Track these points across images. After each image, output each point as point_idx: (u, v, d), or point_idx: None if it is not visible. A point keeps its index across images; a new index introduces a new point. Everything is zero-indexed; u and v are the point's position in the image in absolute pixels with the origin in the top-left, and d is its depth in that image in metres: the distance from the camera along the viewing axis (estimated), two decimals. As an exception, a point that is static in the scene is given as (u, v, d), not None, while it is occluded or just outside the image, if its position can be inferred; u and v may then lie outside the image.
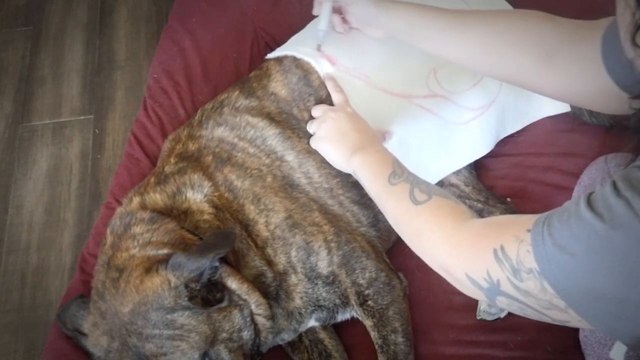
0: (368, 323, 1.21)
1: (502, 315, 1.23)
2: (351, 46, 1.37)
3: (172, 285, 1.01)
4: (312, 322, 1.25)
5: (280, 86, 1.35)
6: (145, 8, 2.37)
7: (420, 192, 1.00)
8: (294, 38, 1.46)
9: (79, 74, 2.21)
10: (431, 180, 1.33)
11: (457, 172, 1.37)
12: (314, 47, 1.37)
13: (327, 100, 1.33)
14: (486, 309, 1.24)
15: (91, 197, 1.94)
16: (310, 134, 1.29)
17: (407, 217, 1.00)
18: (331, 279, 1.20)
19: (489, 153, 1.38)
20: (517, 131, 1.43)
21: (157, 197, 1.19)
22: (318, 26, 1.34)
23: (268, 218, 1.20)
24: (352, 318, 1.26)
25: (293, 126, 1.31)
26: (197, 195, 1.19)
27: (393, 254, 1.30)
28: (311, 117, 1.31)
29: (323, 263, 1.19)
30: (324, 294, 1.20)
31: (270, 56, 1.43)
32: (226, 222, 1.17)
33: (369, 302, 1.20)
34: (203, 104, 1.40)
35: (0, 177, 2.00)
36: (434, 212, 0.96)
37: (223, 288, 1.07)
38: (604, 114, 1.34)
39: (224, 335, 1.04)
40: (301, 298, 1.20)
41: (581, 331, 1.15)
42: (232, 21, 1.70)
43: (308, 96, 1.34)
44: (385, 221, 1.12)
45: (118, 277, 1.06)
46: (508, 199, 1.38)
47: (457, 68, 1.32)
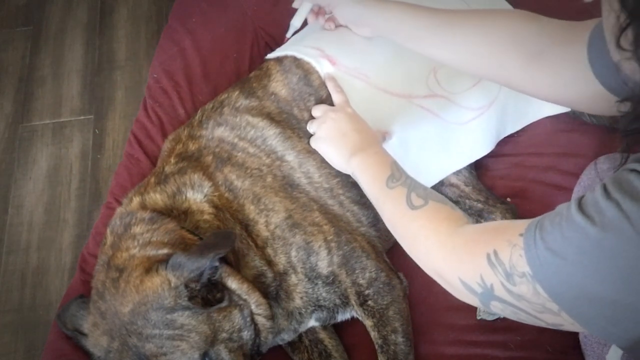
0: (368, 323, 1.21)
1: (502, 315, 1.23)
2: (351, 46, 1.37)
3: (172, 285, 1.01)
4: (312, 322, 1.25)
5: (280, 86, 1.35)
6: (145, 8, 2.36)
7: (417, 197, 1.00)
8: (294, 38, 1.46)
9: (79, 74, 2.21)
10: (431, 180, 1.33)
11: (457, 172, 1.37)
12: (291, 48, 1.40)
13: (328, 100, 1.33)
14: (486, 309, 1.24)
15: (91, 197, 1.94)
16: (310, 134, 1.29)
17: (403, 222, 1.00)
18: (331, 279, 1.20)
19: (489, 153, 1.38)
20: (517, 131, 1.43)
21: (157, 197, 1.19)
22: (293, 21, 1.39)
23: (268, 218, 1.20)
24: (352, 318, 1.26)
25: (293, 126, 1.32)
26: (197, 195, 1.19)
27: (393, 254, 1.30)
28: (311, 117, 1.31)
29: (323, 263, 1.19)
30: (324, 294, 1.20)
31: (270, 56, 1.43)
32: (226, 222, 1.17)
33: (369, 302, 1.20)
34: (203, 104, 1.40)
35: (0, 177, 2.00)
36: (430, 218, 0.96)
37: (223, 288, 1.07)
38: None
39: (224, 335, 1.04)
40: (301, 298, 1.20)
41: (580, 331, 1.15)
42: (232, 21, 1.70)
43: (308, 96, 1.34)
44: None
45: (118, 277, 1.06)
46: (508, 199, 1.38)
47: (457, 68, 1.32)
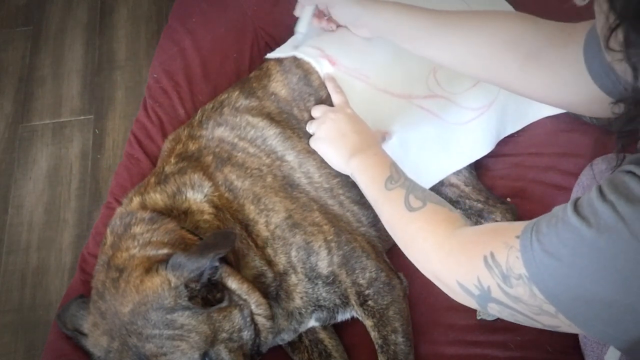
0: (368, 323, 1.21)
1: (500, 317, 1.23)
2: (351, 46, 1.37)
3: (172, 285, 1.01)
4: (312, 322, 1.25)
5: (280, 86, 1.35)
6: (145, 8, 2.36)
7: (415, 199, 1.00)
8: (294, 38, 1.46)
9: (79, 74, 2.21)
10: (431, 180, 1.33)
11: (457, 172, 1.37)
12: (291, 49, 1.39)
13: (327, 100, 1.33)
14: (484, 311, 1.23)
15: (91, 197, 1.94)
16: (310, 134, 1.29)
17: (401, 224, 1.01)
18: (331, 279, 1.20)
19: (489, 153, 1.38)
20: (517, 131, 1.43)
21: (157, 197, 1.19)
22: (297, 28, 1.37)
23: (268, 218, 1.20)
24: (352, 318, 1.26)
25: (293, 126, 1.32)
26: (197, 195, 1.19)
27: (393, 254, 1.30)
28: (311, 118, 1.31)
29: (323, 263, 1.19)
30: (324, 294, 1.20)
31: (270, 56, 1.43)
32: (226, 222, 1.17)
33: (369, 302, 1.20)
34: (203, 104, 1.40)
35: (0, 177, 2.00)
36: (428, 220, 0.96)
37: (223, 288, 1.07)
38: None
39: (224, 335, 1.04)
40: (301, 298, 1.20)
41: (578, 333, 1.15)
42: (232, 21, 1.70)
43: (308, 96, 1.34)
44: (384, 222, 1.12)
45: (118, 277, 1.06)
46: (508, 199, 1.38)
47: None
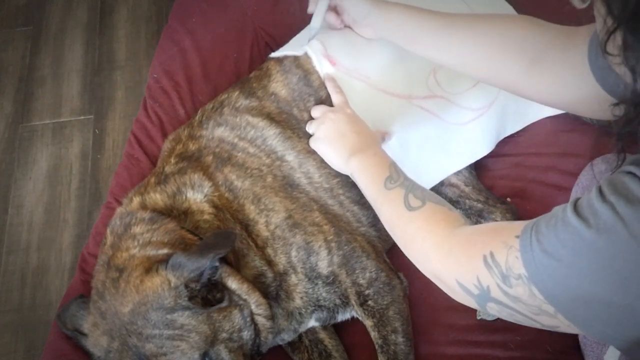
0: (368, 323, 1.21)
1: (499, 316, 1.23)
2: (351, 47, 1.37)
3: (172, 285, 1.01)
4: (312, 322, 1.25)
5: (280, 86, 1.35)
6: (145, 8, 2.36)
7: (414, 198, 1.00)
8: (297, 37, 1.46)
9: (79, 74, 2.21)
10: (431, 180, 1.33)
11: (457, 172, 1.37)
12: (305, 43, 1.38)
13: (327, 100, 1.33)
14: (483, 311, 1.24)
15: (91, 197, 1.94)
16: (310, 134, 1.29)
17: (401, 223, 1.01)
18: (331, 279, 1.20)
19: (489, 153, 1.38)
20: (517, 131, 1.43)
21: (158, 197, 1.19)
22: (311, 24, 1.36)
23: (268, 218, 1.20)
24: (352, 318, 1.26)
25: (293, 126, 1.32)
26: (198, 195, 1.19)
27: (393, 254, 1.30)
28: (311, 118, 1.31)
29: (323, 263, 1.19)
30: (324, 294, 1.20)
31: (274, 55, 1.43)
32: (226, 222, 1.17)
33: (369, 302, 1.20)
34: (203, 104, 1.40)
35: (0, 177, 2.00)
36: (427, 219, 0.97)
37: (223, 288, 1.07)
38: (604, 115, 1.34)
39: (224, 335, 1.04)
40: (301, 298, 1.20)
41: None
42: (232, 21, 1.70)
43: (308, 96, 1.34)
44: (384, 222, 1.12)
45: (118, 277, 1.06)
46: (508, 199, 1.38)
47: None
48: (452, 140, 1.35)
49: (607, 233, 0.68)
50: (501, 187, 1.40)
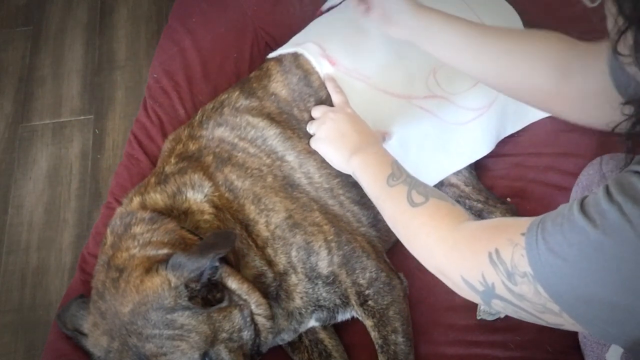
0: (368, 323, 1.21)
1: (502, 315, 1.23)
2: (351, 47, 1.37)
3: (172, 285, 1.01)
4: (312, 322, 1.25)
5: (280, 87, 1.35)
6: (145, 8, 2.36)
7: (417, 194, 1.00)
8: (296, 37, 1.46)
9: (79, 74, 2.21)
10: (431, 180, 1.33)
11: (457, 172, 1.37)
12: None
13: (327, 101, 1.33)
14: (486, 309, 1.24)
15: (91, 197, 1.94)
16: (310, 135, 1.29)
17: (404, 219, 1.00)
18: (331, 279, 1.20)
19: (489, 153, 1.39)
20: (517, 131, 1.43)
21: (158, 197, 1.19)
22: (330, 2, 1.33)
23: (268, 218, 1.20)
24: (352, 318, 1.26)
25: (293, 126, 1.32)
26: (198, 195, 1.19)
27: (393, 254, 1.30)
28: (311, 118, 1.31)
29: (323, 263, 1.19)
30: (324, 294, 1.20)
31: (271, 55, 1.43)
32: (226, 222, 1.17)
33: (370, 302, 1.20)
34: (203, 104, 1.40)
35: (0, 177, 2.00)
36: (431, 214, 0.96)
37: (223, 288, 1.07)
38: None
39: (224, 335, 1.04)
40: (301, 298, 1.20)
41: (580, 332, 1.15)
42: (232, 21, 1.70)
43: (308, 97, 1.34)
44: (385, 221, 1.11)
45: (118, 277, 1.06)
46: (508, 199, 1.38)
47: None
48: (452, 140, 1.35)
49: (614, 234, 0.68)
50: (501, 187, 1.40)
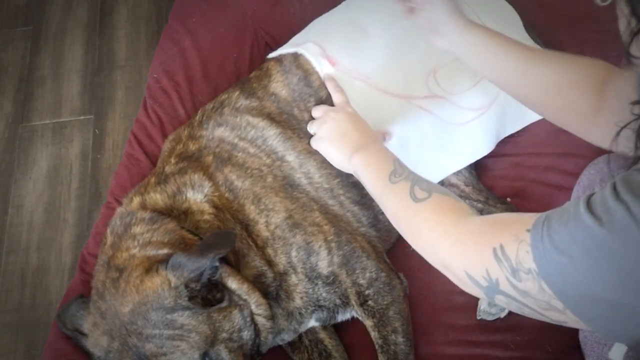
0: (368, 323, 1.21)
1: (502, 315, 1.23)
2: (351, 47, 1.37)
3: (172, 285, 1.01)
4: (312, 322, 1.25)
5: (280, 87, 1.35)
6: (145, 8, 2.36)
7: (420, 190, 1.00)
8: (297, 37, 1.46)
9: (79, 74, 2.21)
10: (431, 180, 1.33)
11: (457, 172, 1.37)
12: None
13: (328, 101, 1.33)
14: (486, 309, 1.24)
15: (91, 197, 1.94)
16: (310, 135, 1.29)
17: (407, 215, 1.00)
18: (331, 279, 1.20)
19: (489, 153, 1.38)
20: (517, 131, 1.43)
21: (158, 197, 1.19)
22: None
23: (268, 218, 1.20)
24: (352, 318, 1.26)
25: (294, 126, 1.32)
26: (198, 195, 1.19)
27: (393, 254, 1.30)
28: (311, 118, 1.31)
29: (323, 263, 1.19)
30: (324, 294, 1.20)
31: (271, 55, 1.43)
32: (226, 222, 1.17)
33: (370, 302, 1.20)
34: (203, 104, 1.40)
35: (0, 177, 2.00)
36: (434, 209, 0.96)
37: (223, 288, 1.07)
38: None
39: (224, 335, 1.04)
40: (301, 298, 1.20)
41: (581, 331, 1.15)
42: (232, 21, 1.70)
43: (308, 97, 1.34)
44: (385, 221, 1.11)
45: (118, 277, 1.06)
46: (508, 199, 1.38)
47: (457, 69, 1.32)
48: (452, 140, 1.35)
49: (620, 233, 0.67)
50: (501, 187, 1.40)
